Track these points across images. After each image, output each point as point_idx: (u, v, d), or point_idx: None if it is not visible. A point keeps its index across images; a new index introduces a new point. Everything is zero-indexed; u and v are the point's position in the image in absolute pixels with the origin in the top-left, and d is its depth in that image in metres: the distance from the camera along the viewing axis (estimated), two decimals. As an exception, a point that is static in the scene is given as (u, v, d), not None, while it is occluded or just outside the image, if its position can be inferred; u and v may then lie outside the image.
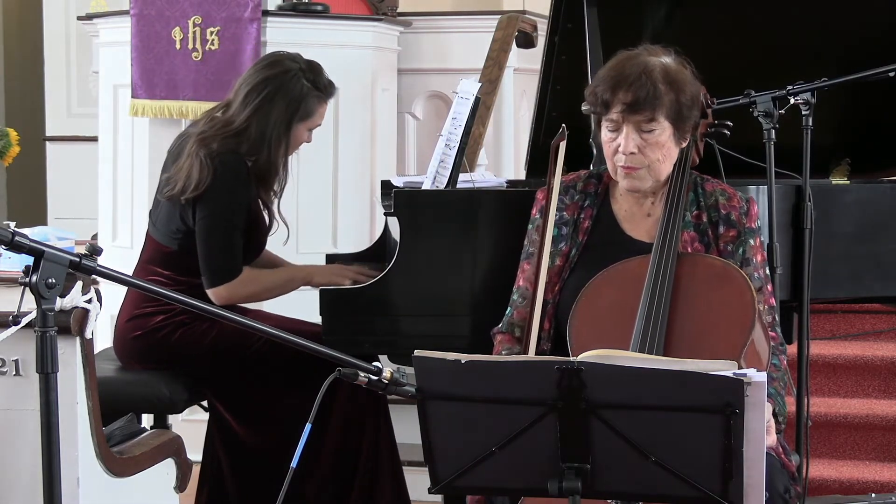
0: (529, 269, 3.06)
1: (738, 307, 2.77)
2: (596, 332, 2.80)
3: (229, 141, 3.59)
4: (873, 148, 3.84)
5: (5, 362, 2.84)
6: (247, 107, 3.61)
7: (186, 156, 3.60)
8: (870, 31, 3.68)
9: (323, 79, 3.70)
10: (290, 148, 3.69)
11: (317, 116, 3.70)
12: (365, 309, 3.36)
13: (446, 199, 3.45)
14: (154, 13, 4.76)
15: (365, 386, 2.37)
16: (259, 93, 3.62)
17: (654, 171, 2.92)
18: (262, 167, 3.63)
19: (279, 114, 3.61)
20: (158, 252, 3.67)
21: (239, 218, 3.59)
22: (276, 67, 3.67)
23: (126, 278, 2.50)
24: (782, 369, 2.92)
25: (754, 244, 2.99)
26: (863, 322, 4.86)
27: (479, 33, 5.24)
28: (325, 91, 3.70)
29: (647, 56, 2.91)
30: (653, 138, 2.88)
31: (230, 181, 3.57)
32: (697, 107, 2.95)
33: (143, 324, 3.62)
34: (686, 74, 2.92)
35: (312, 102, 3.66)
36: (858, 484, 4.34)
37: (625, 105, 2.85)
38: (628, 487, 2.25)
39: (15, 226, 2.46)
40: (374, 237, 4.72)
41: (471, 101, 3.55)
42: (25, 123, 7.00)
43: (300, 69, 3.66)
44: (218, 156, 3.56)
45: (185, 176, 3.57)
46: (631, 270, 2.87)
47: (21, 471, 2.83)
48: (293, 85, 3.63)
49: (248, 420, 3.66)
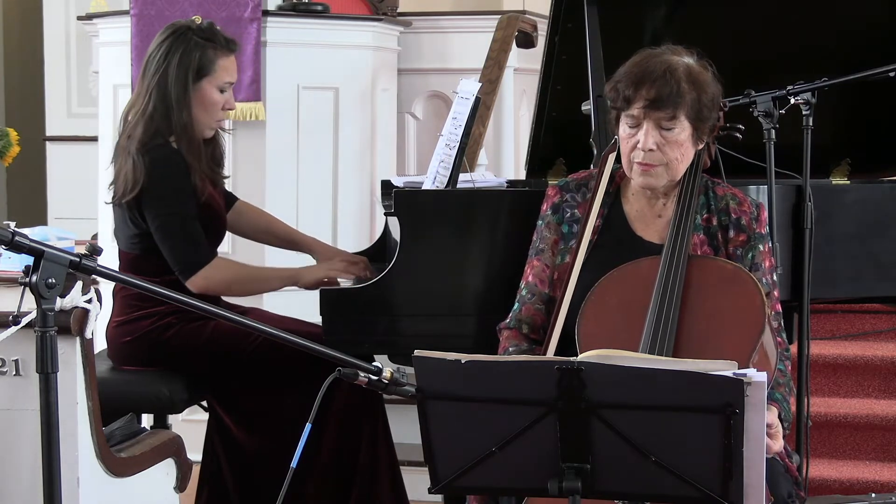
0: (539, 265, 3.05)
1: (748, 311, 2.76)
2: (605, 332, 2.79)
3: (146, 123, 3.55)
4: (873, 148, 3.84)
5: (5, 362, 2.84)
6: (146, 80, 3.61)
7: (117, 156, 3.61)
8: (870, 31, 3.67)
9: (218, 34, 3.63)
10: (204, 110, 3.60)
11: (220, 71, 3.62)
12: (365, 309, 3.36)
13: (446, 199, 3.45)
14: (154, 13, 4.76)
15: (365, 386, 2.37)
16: (153, 62, 3.60)
17: (671, 170, 2.91)
18: (182, 136, 3.57)
19: (174, 72, 3.56)
20: (127, 261, 3.65)
21: (188, 206, 3.54)
22: (165, 33, 3.64)
23: (126, 278, 2.50)
24: (787, 375, 2.92)
25: (763, 250, 2.99)
26: (863, 322, 4.85)
27: (479, 33, 5.24)
28: (218, 42, 3.62)
29: (670, 55, 2.91)
30: (672, 136, 2.87)
31: (166, 172, 3.53)
32: (717, 109, 2.95)
33: (132, 328, 3.60)
34: (708, 76, 2.93)
35: (208, 56, 3.59)
36: (858, 484, 4.34)
37: (647, 101, 2.85)
38: (628, 487, 2.25)
39: (15, 226, 2.45)
40: (374, 237, 4.72)
41: (471, 100, 3.55)
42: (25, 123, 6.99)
43: (189, 28, 3.62)
44: (146, 149, 3.52)
45: (122, 178, 3.55)
46: (641, 271, 2.86)
47: (21, 471, 2.83)
48: (182, 42, 3.59)
49: (247, 420, 3.66)
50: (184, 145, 3.58)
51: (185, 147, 3.58)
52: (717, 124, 3.05)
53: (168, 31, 3.64)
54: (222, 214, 3.74)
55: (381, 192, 4.20)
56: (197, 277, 3.53)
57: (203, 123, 3.62)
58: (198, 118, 3.60)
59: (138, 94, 3.64)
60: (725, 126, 3.11)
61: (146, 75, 3.62)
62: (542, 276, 3.03)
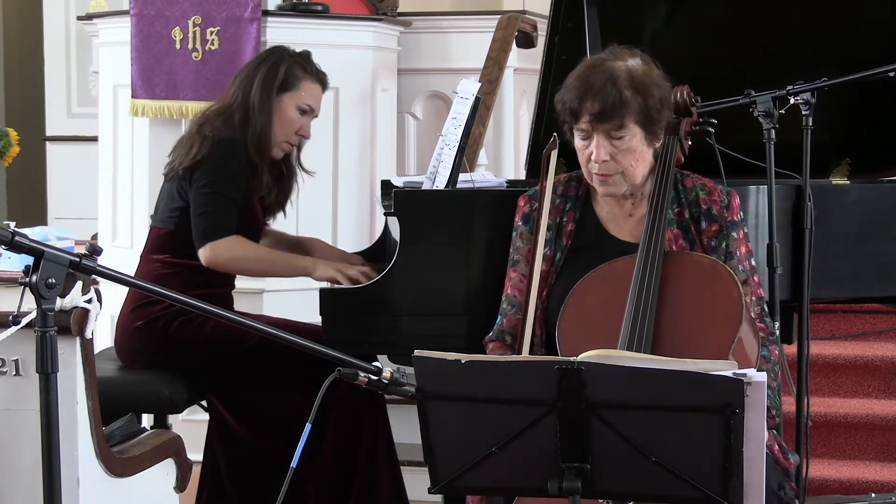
0: (516, 276, 3.07)
1: (726, 305, 2.77)
2: (584, 334, 2.79)
3: (225, 119, 3.68)
4: (873, 148, 3.84)
5: (5, 362, 2.84)
6: (234, 84, 3.77)
7: (187, 137, 3.72)
8: (870, 31, 3.67)
9: (312, 62, 3.79)
10: (280, 125, 3.71)
11: (303, 91, 3.74)
12: (365, 309, 3.36)
13: (446, 199, 3.45)
14: (154, 13, 4.76)
15: (365, 386, 2.37)
16: (245, 69, 3.79)
17: (629, 176, 2.92)
18: (254, 143, 3.67)
19: (260, 80, 3.70)
20: (156, 237, 3.72)
21: (233, 190, 3.63)
22: (267, 52, 3.85)
23: (126, 278, 2.50)
24: (772, 360, 2.91)
25: (737, 237, 2.99)
26: (863, 322, 4.86)
27: (479, 33, 5.24)
28: (310, 67, 3.77)
29: (612, 61, 2.90)
30: (623, 145, 2.88)
31: (226, 155, 3.64)
32: (668, 107, 2.95)
33: (146, 313, 3.63)
34: (653, 76, 2.91)
35: (294, 72, 3.73)
36: (858, 484, 4.34)
37: (592, 115, 2.86)
38: (628, 487, 2.25)
39: (15, 226, 2.45)
40: (374, 237, 4.72)
41: (471, 100, 3.55)
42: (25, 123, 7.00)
43: (287, 51, 3.79)
44: (216, 133, 3.64)
45: (184, 151, 3.66)
46: (617, 271, 2.87)
47: (21, 471, 2.82)
48: (275, 56, 3.77)
49: (246, 419, 3.66)
50: (253, 151, 3.68)
51: (254, 153, 3.68)
52: (690, 120, 3.05)
53: (268, 51, 3.86)
54: (259, 225, 3.81)
55: (381, 192, 4.20)
56: (206, 248, 3.59)
57: (276, 138, 3.71)
58: (273, 131, 3.70)
59: (228, 94, 3.77)
60: (698, 122, 3.11)
61: (235, 79, 3.78)
62: (520, 287, 3.04)
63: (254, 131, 3.67)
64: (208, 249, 3.59)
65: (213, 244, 3.59)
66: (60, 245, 2.42)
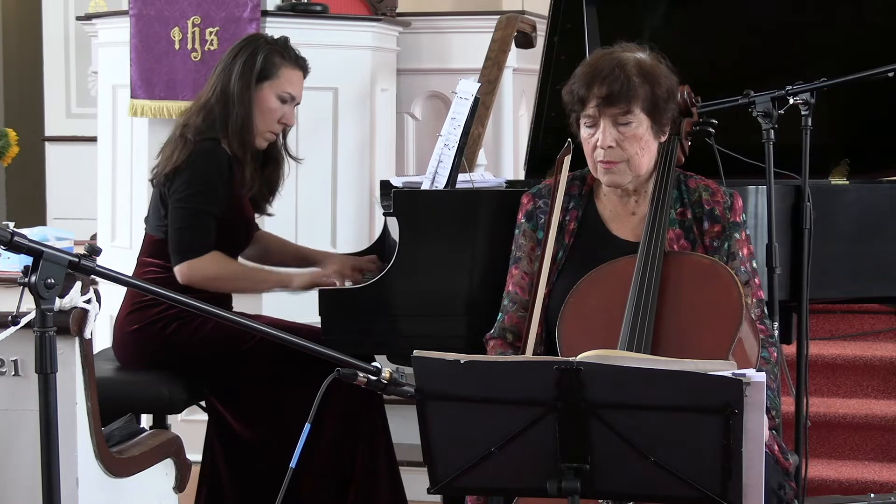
0: (518, 273, 3.07)
1: (726, 305, 2.77)
2: (585, 334, 2.80)
3: (205, 113, 3.64)
4: (872, 148, 3.84)
5: (4, 362, 2.84)
6: (213, 76, 3.72)
7: (170, 140, 3.68)
8: (869, 31, 3.68)
9: (290, 48, 3.73)
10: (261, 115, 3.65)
11: (282, 79, 3.69)
12: (364, 309, 3.36)
13: (445, 199, 3.45)
14: (153, 13, 4.76)
15: (364, 386, 2.37)
16: (222, 60, 3.73)
17: (634, 166, 2.92)
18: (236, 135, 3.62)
19: (238, 71, 3.65)
20: (150, 244, 3.71)
21: (211, 203, 3.58)
22: (244, 41, 3.77)
23: (125, 278, 2.50)
24: (772, 361, 2.92)
25: (740, 238, 3.00)
26: (862, 322, 4.86)
27: (478, 33, 5.24)
28: (288, 54, 3.71)
29: (621, 52, 2.94)
30: (630, 131, 2.89)
31: (204, 164, 3.59)
32: (675, 100, 2.96)
33: (142, 316, 3.62)
34: (661, 68, 2.94)
35: (272, 59, 3.67)
36: (858, 484, 4.34)
37: (600, 99, 2.87)
38: (628, 488, 2.25)
39: (14, 226, 2.45)
40: (373, 237, 4.71)
41: (470, 101, 3.55)
42: (25, 123, 7.01)
43: (264, 38, 3.75)
44: (196, 138, 3.59)
45: (166, 156, 3.64)
46: (618, 271, 2.87)
47: (21, 471, 2.82)
48: (252, 45, 3.71)
49: (246, 418, 3.66)
50: (235, 144, 3.63)
51: (236, 146, 3.63)
52: (690, 120, 3.05)
53: (244, 38, 3.80)
54: (249, 225, 3.77)
55: (381, 193, 4.20)
56: (183, 266, 3.56)
57: (258, 129, 3.67)
58: (255, 122, 3.66)
59: (205, 88, 3.73)
60: (699, 122, 3.11)
61: (214, 71, 3.73)
62: (522, 284, 3.05)
63: (235, 124, 3.62)
64: (185, 267, 3.56)
65: (189, 263, 3.56)
66: (59, 245, 2.42)
